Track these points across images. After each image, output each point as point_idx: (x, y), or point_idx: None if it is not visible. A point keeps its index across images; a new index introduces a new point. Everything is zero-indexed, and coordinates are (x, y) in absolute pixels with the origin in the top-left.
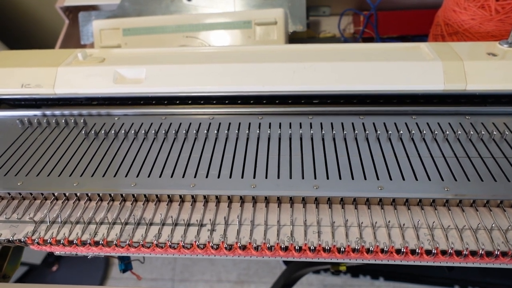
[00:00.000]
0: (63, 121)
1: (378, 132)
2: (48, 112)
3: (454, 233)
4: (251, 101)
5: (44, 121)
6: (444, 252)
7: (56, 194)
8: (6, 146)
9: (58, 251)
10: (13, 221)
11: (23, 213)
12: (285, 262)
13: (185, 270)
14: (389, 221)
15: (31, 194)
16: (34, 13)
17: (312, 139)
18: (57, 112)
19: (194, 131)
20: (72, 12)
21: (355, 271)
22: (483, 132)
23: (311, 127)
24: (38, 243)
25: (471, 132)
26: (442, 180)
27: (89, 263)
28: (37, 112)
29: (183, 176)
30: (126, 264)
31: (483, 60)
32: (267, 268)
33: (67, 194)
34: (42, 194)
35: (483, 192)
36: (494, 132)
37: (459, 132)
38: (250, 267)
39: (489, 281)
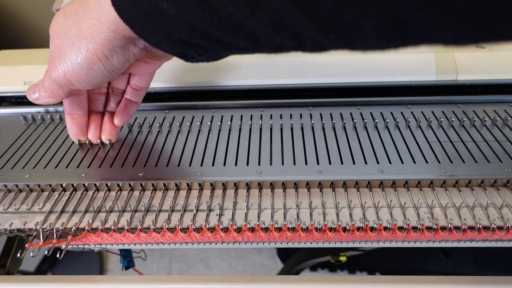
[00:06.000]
0: None
1: (376, 120)
2: (51, 109)
3: (452, 210)
4: (252, 95)
5: (48, 117)
6: (443, 228)
7: (64, 185)
8: (11, 141)
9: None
10: (22, 212)
11: (32, 204)
12: (282, 260)
13: (181, 274)
14: (390, 201)
15: (39, 186)
16: (27, 18)
17: (312, 128)
18: (60, 108)
19: (198, 123)
20: None
21: (352, 267)
22: (475, 119)
23: (311, 118)
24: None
25: (464, 119)
26: (439, 162)
27: (83, 270)
28: (40, 109)
29: (189, 165)
30: (128, 261)
31: (472, 52)
32: (263, 270)
33: (75, 185)
34: (50, 185)
35: (478, 172)
36: (486, 119)
37: (452, 119)
38: (247, 270)
39: (484, 274)
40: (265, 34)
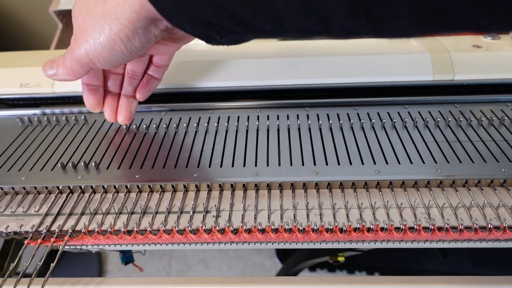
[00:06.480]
0: (64, 118)
1: (373, 121)
2: (47, 111)
3: (449, 211)
4: (249, 96)
5: (45, 119)
6: (440, 228)
7: (60, 187)
8: (8, 143)
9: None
10: (19, 215)
11: (28, 207)
12: (281, 260)
13: (180, 275)
14: (387, 201)
15: (35, 188)
16: (24, 20)
17: (309, 129)
18: (57, 110)
19: (195, 125)
20: (66, 16)
21: (351, 267)
22: (471, 119)
23: (308, 118)
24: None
25: (461, 119)
26: (436, 163)
27: (82, 271)
28: (37, 111)
29: (186, 167)
30: (128, 256)
31: (469, 52)
32: (262, 271)
33: (71, 187)
34: (47, 188)
35: (474, 172)
36: (482, 119)
37: (449, 119)
38: (246, 270)
39: (482, 273)
40: (293, 17)
